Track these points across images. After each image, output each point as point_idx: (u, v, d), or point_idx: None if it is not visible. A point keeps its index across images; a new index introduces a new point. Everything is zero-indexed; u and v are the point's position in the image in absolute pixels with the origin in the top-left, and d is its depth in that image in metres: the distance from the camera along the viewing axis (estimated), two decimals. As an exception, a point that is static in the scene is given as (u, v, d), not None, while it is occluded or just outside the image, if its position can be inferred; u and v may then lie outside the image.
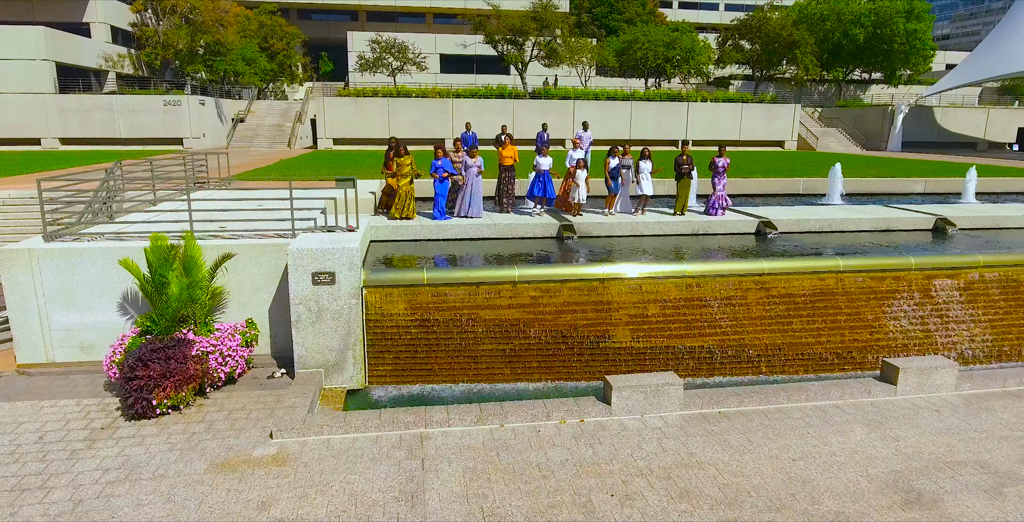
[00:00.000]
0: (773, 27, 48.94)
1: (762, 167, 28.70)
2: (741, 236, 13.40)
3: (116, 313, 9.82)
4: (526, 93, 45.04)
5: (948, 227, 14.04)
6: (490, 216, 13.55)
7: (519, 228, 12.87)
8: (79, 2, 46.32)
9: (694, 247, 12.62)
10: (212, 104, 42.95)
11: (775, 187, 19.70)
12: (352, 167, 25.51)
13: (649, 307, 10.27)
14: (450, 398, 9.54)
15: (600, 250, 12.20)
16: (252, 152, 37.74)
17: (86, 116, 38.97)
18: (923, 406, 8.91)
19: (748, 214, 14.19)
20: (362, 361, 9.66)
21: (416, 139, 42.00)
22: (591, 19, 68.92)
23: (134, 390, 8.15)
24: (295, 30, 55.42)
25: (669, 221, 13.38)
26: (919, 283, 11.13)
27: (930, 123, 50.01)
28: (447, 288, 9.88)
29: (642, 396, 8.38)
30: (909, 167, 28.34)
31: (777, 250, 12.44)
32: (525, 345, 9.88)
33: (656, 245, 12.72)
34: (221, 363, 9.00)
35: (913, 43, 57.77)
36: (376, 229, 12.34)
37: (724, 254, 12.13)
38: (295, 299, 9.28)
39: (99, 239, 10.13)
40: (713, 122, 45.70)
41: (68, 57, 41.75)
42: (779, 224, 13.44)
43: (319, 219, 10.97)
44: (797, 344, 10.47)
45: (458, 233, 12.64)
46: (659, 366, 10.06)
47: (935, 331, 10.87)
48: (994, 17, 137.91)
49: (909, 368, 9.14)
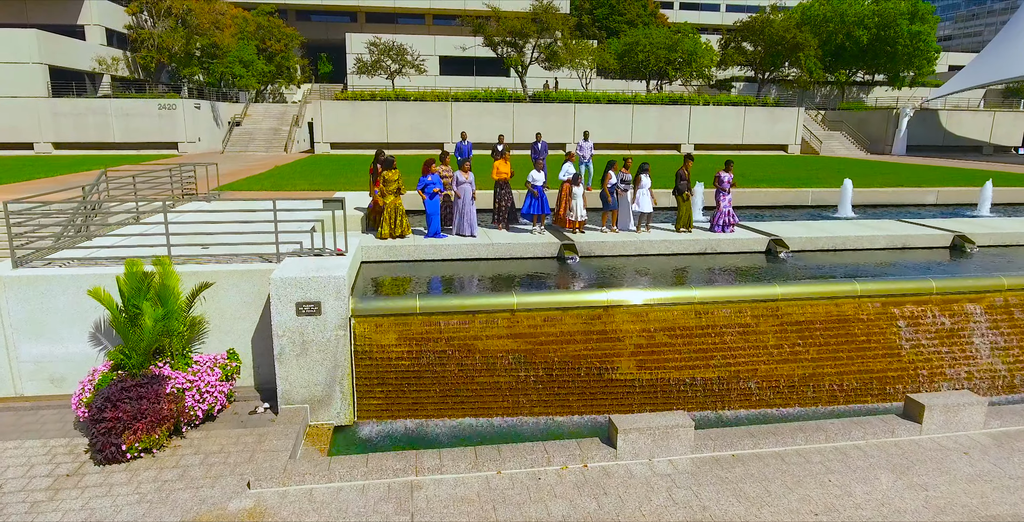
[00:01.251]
0: (777, 29, 48.33)
1: (767, 173, 28.13)
2: (751, 255, 12.80)
3: (89, 344, 9.22)
4: (526, 96, 44.43)
5: (967, 245, 13.44)
6: (487, 234, 12.95)
7: (518, 248, 12.27)
8: (73, 4, 45.71)
9: (702, 268, 12.03)
10: (208, 108, 42.36)
11: (783, 198, 19.07)
12: (348, 174, 24.91)
13: (656, 336, 9.67)
14: (444, 434, 8.95)
15: (604, 272, 11.59)
16: (248, 157, 37.14)
17: (80, 120, 38.36)
18: (951, 447, 8.30)
19: (758, 231, 13.59)
20: (350, 396, 9.06)
21: (414, 143, 41.45)
22: (592, 21, 68.32)
23: (102, 433, 7.56)
24: (293, 32, 54.76)
25: (675, 239, 12.76)
26: (941, 308, 10.53)
27: (935, 126, 49.41)
28: (441, 317, 9.29)
29: (650, 439, 7.78)
30: (918, 174, 27.76)
31: (789, 271, 11.84)
32: (524, 378, 9.28)
33: (662, 266, 12.12)
34: (199, 400, 8.40)
35: (917, 45, 57.09)
36: (367, 249, 11.74)
37: (734, 276, 11.53)
38: (278, 331, 8.68)
39: (70, 264, 9.54)
40: (715, 126, 45.08)
41: (61, 60, 41.16)
42: (790, 242, 12.84)
43: (306, 240, 10.35)
44: (813, 375, 9.87)
45: (454, 253, 12.04)
46: (666, 400, 9.47)
47: (959, 360, 10.27)
48: (996, 18, 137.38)
49: (935, 405, 8.54)
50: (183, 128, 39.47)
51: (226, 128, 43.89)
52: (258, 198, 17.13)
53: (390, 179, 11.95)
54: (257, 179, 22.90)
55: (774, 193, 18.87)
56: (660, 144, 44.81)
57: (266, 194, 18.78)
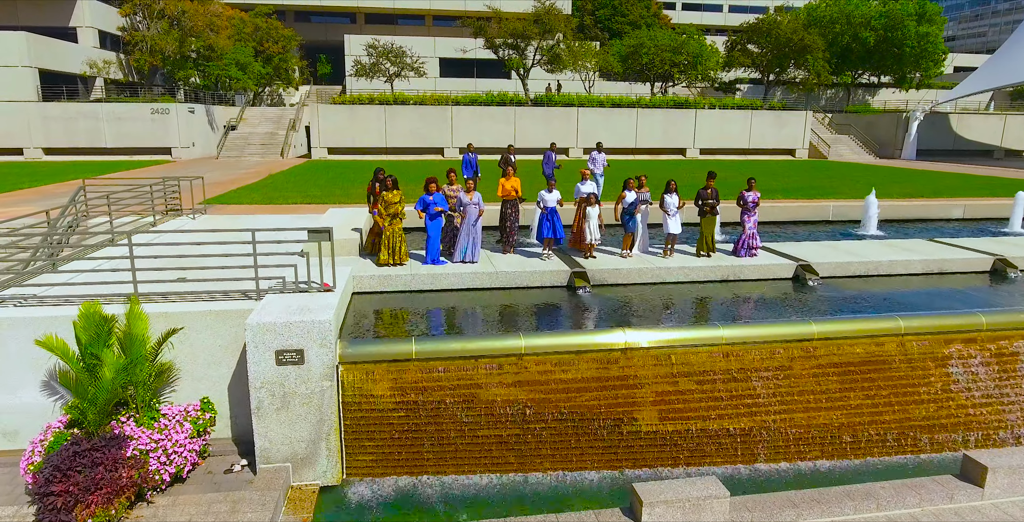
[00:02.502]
0: (785, 31, 47.30)
1: (780, 182, 27.13)
2: (778, 282, 11.79)
3: (44, 393, 8.23)
4: (528, 100, 43.42)
5: (1009, 269, 12.44)
6: (491, 259, 11.92)
7: (524, 276, 11.26)
8: (66, 5, 44.71)
9: (726, 298, 11.02)
10: (202, 112, 41.34)
11: (802, 213, 18.03)
12: (344, 183, 23.91)
13: (679, 382, 8.67)
14: (443, 494, 7.96)
15: (619, 305, 10.57)
16: (243, 163, 36.14)
17: (70, 125, 37.32)
18: (1020, 517, 7.31)
19: (783, 255, 12.57)
20: (338, 452, 8.07)
21: (414, 148, 40.44)
22: (594, 21, 67.29)
23: (49, 509, 6.56)
24: (291, 33, 53.69)
25: (695, 266, 11.75)
26: (993, 347, 9.53)
27: (945, 130, 48.35)
28: (440, 363, 8.29)
29: (679, 512, 6.78)
30: (934, 181, 26.74)
31: (821, 302, 10.84)
32: (533, 430, 8.29)
33: (683, 296, 11.11)
34: (165, 463, 7.41)
35: (925, 47, 56.14)
36: (360, 279, 10.73)
37: (762, 309, 10.53)
38: (255, 382, 7.69)
39: (26, 302, 8.55)
40: (721, 130, 44.07)
41: (51, 63, 40.15)
42: (819, 268, 11.83)
43: (290, 274, 9.34)
44: (854, 424, 8.88)
45: (454, 283, 11.03)
46: (692, 453, 8.48)
47: (1015, 405, 9.27)
48: (1000, 18, 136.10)
49: (998, 467, 7.54)
50: (176, 133, 38.45)
51: (221, 132, 42.88)
52: (248, 213, 16.15)
53: (391, 201, 10.95)
54: (248, 190, 21.91)
55: (793, 208, 17.82)
56: (665, 148, 43.81)
57: (256, 209, 17.80)
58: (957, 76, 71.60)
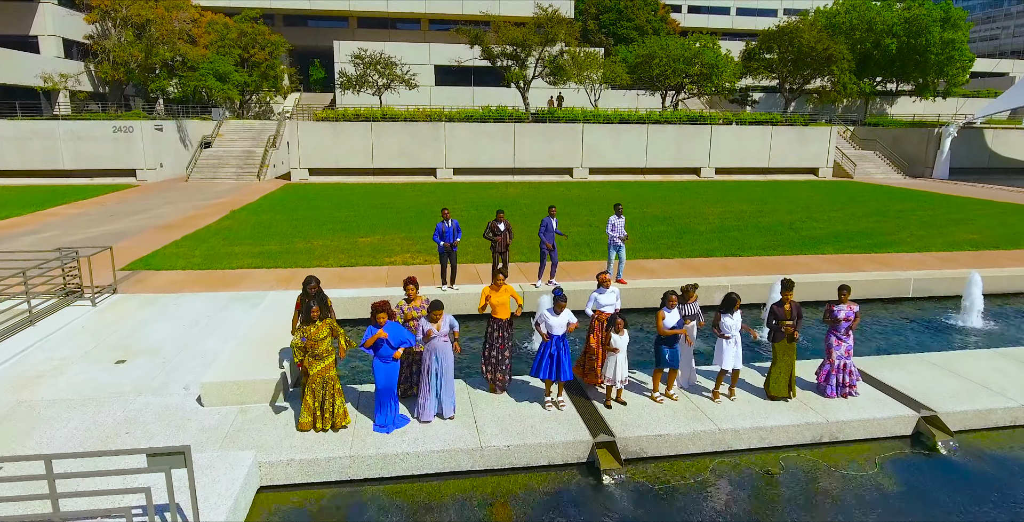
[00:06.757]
0: (807, 40, 43.69)
1: (813, 214, 23.52)
2: (890, 443, 8.12)
3: None
4: (528, 115, 39.76)
5: None
6: (474, 411, 8.07)
7: (522, 452, 7.47)
8: (26, 13, 41.05)
9: (824, 481, 7.39)
10: (173, 128, 37.72)
11: (875, 289, 14.00)
12: (315, 225, 20.27)
13: None
14: None
15: (670, 507, 6.92)
16: (212, 188, 32.52)
17: (23, 145, 33.68)
18: None
19: (892, 392, 8.76)
20: None
21: (403, 169, 36.85)
22: (598, 26, 63.69)
23: None
24: (279, 38, 49.95)
25: (773, 426, 7.92)
26: None
27: (979, 146, 44.67)
28: None
29: None
30: (999, 216, 23.07)
31: (971, 485, 7.25)
32: None
33: (758, 480, 7.43)
34: None
35: (950, 54, 52.64)
36: (271, 468, 6.92)
37: (886, 506, 6.91)
38: None
39: None
40: (739, 147, 40.44)
41: (3, 76, 36.54)
42: (949, 419, 8.17)
43: (158, 493, 5.69)
44: None
45: (417, 466, 7.25)
46: None
47: None
48: (1013, 21, 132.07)
49: None
50: (142, 152, 34.84)
51: (195, 149, 39.25)
52: (174, 288, 12.06)
53: (317, 338, 7.24)
54: (195, 241, 18.28)
55: (865, 283, 13.92)
56: (677, 168, 40.20)
57: (187, 281, 14.21)
58: (974, 83, 67.91)
